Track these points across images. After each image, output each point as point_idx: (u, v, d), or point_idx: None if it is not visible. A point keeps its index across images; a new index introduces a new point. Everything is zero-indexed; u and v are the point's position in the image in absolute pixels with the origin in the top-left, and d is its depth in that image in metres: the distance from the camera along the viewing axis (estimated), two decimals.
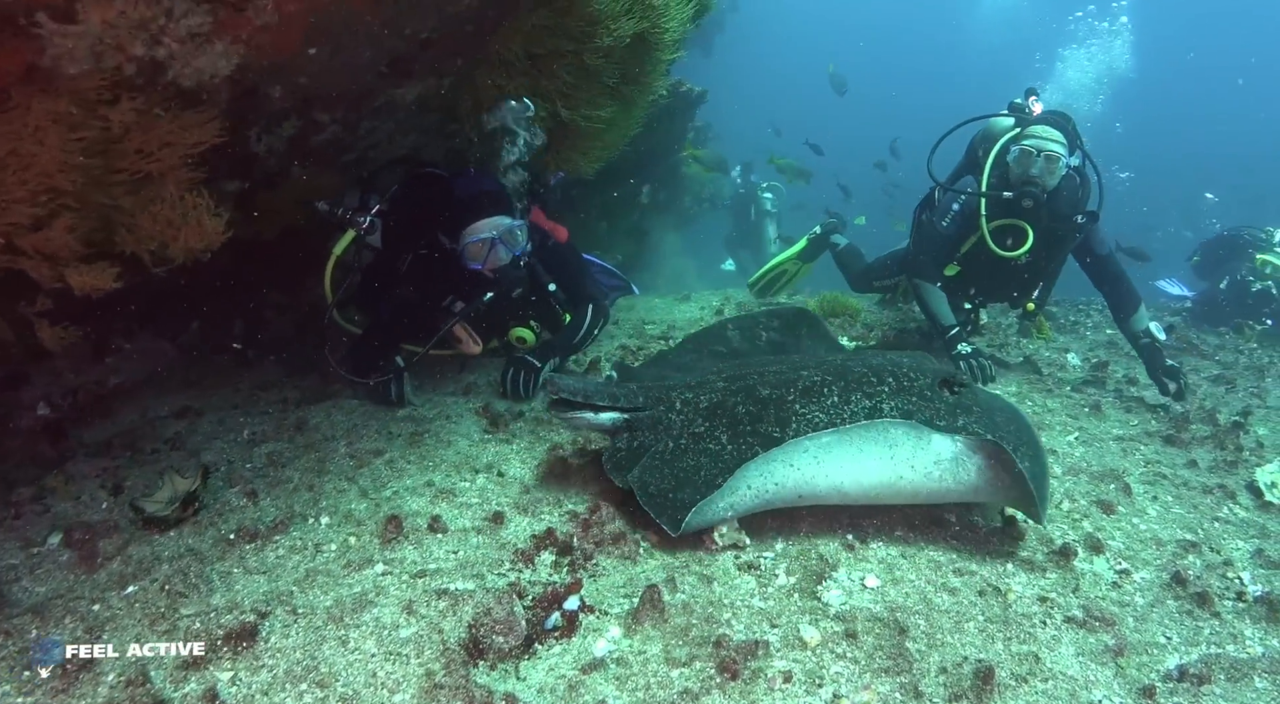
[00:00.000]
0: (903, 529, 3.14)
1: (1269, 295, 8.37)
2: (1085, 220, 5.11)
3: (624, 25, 4.73)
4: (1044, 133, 5.06)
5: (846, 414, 3.01)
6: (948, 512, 3.32)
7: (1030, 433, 3.17)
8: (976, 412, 3.11)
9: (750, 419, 3.07)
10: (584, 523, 2.93)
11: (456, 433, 4.02)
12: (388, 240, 4.65)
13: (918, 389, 3.12)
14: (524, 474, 3.53)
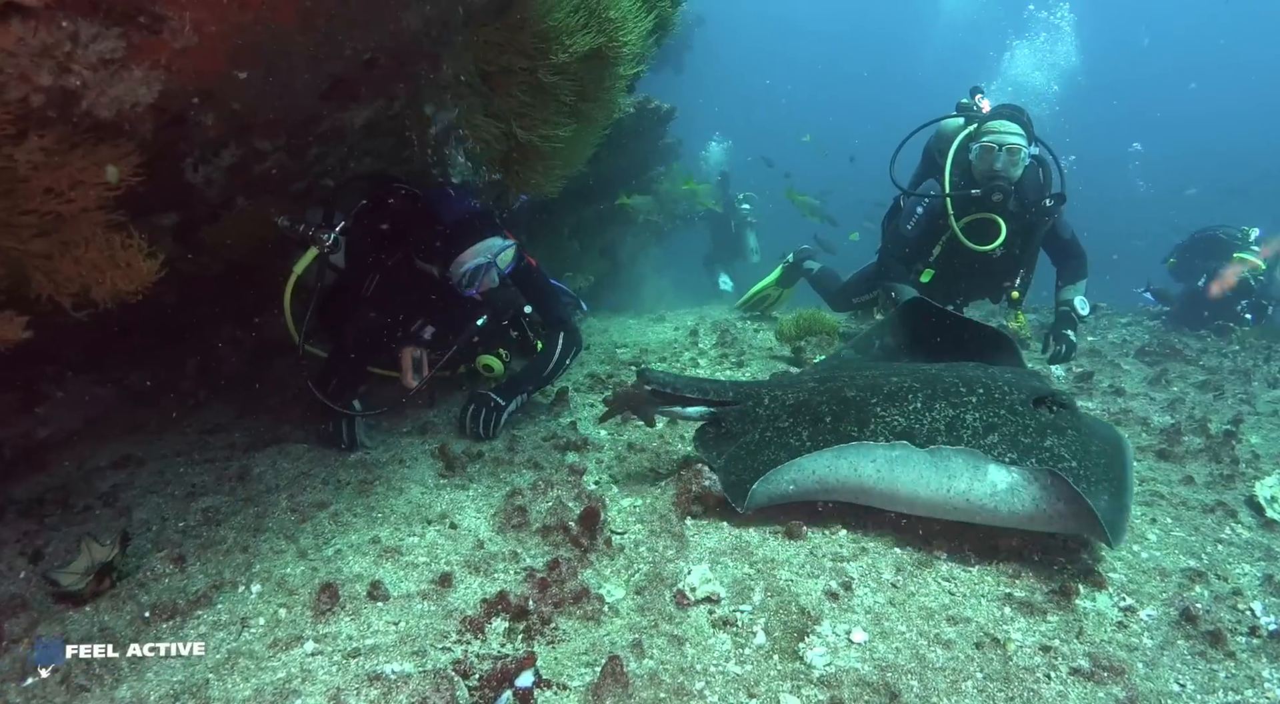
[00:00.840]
0: (890, 571, 2.90)
1: (1248, 286, 8.46)
2: (1054, 203, 5.21)
3: (580, 41, 4.50)
4: (1003, 127, 5.11)
5: (927, 421, 3.10)
6: (937, 548, 3.09)
7: (1121, 464, 3.04)
8: (1070, 436, 3.05)
9: (833, 418, 3.23)
10: (541, 582, 2.67)
11: (409, 478, 3.75)
12: (352, 260, 4.39)
13: (1008, 403, 3.12)
14: (479, 525, 3.26)
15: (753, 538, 3.14)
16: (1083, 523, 2.80)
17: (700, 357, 6.12)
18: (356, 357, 4.45)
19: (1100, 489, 2.90)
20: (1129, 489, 2.97)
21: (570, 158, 5.05)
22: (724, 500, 3.34)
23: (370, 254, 4.38)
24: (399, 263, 4.36)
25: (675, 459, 3.98)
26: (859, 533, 3.19)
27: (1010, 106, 5.30)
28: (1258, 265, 8.50)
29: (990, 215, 5.18)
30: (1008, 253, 5.34)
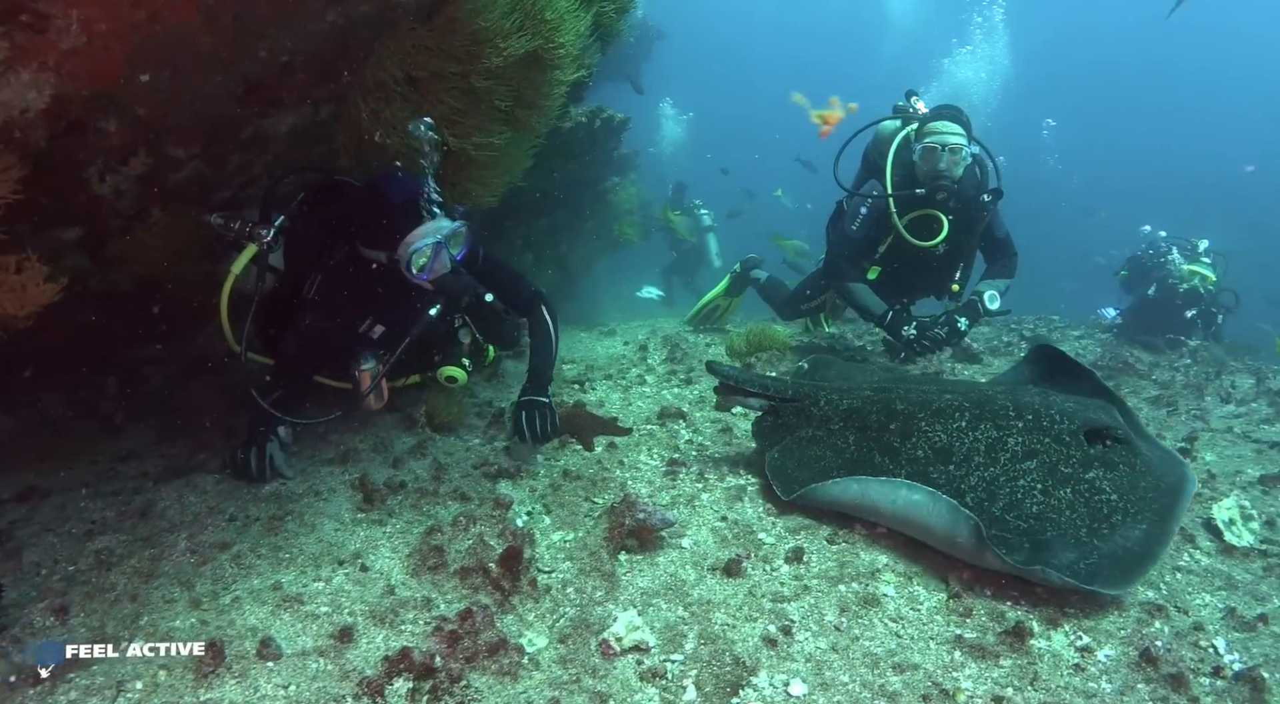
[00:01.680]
0: (834, 612, 2.71)
1: (1197, 294, 8.45)
2: (992, 199, 5.40)
3: (514, 44, 4.29)
4: (944, 128, 5.24)
5: (968, 440, 3.19)
6: (885, 583, 2.90)
7: (1169, 507, 2.99)
8: (1120, 471, 3.07)
9: (878, 428, 3.39)
10: (451, 635, 2.43)
11: (324, 513, 3.49)
12: (292, 259, 4.08)
13: (1055, 432, 3.14)
14: (392, 566, 3.01)
15: (688, 576, 2.94)
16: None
17: (648, 373, 5.92)
18: (302, 366, 4.16)
19: (1127, 529, 2.91)
20: (1164, 535, 2.89)
21: (508, 166, 4.82)
22: (659, 535, 3.15)
23: (312, 251, 4.08)
24: (343, 259, 4.06)
25: (614, 485, 3.76)
26: (802, 567, 2.99)
27: (950, 107, 5.42)
28: (1208, 276, 8.52)
29: (932, 212, 5.31)
30: (950, 249, 5.48)
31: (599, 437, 4.32)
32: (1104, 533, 2.91)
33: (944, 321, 5.50)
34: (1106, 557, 2.83)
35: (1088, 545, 2.87)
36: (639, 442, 4.31)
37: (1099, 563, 2.81)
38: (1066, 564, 2.79)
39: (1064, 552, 2.84)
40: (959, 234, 5.42)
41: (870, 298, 5.61)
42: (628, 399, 5.17)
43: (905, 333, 5.44)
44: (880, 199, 5.38)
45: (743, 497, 3.61)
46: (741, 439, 4.37)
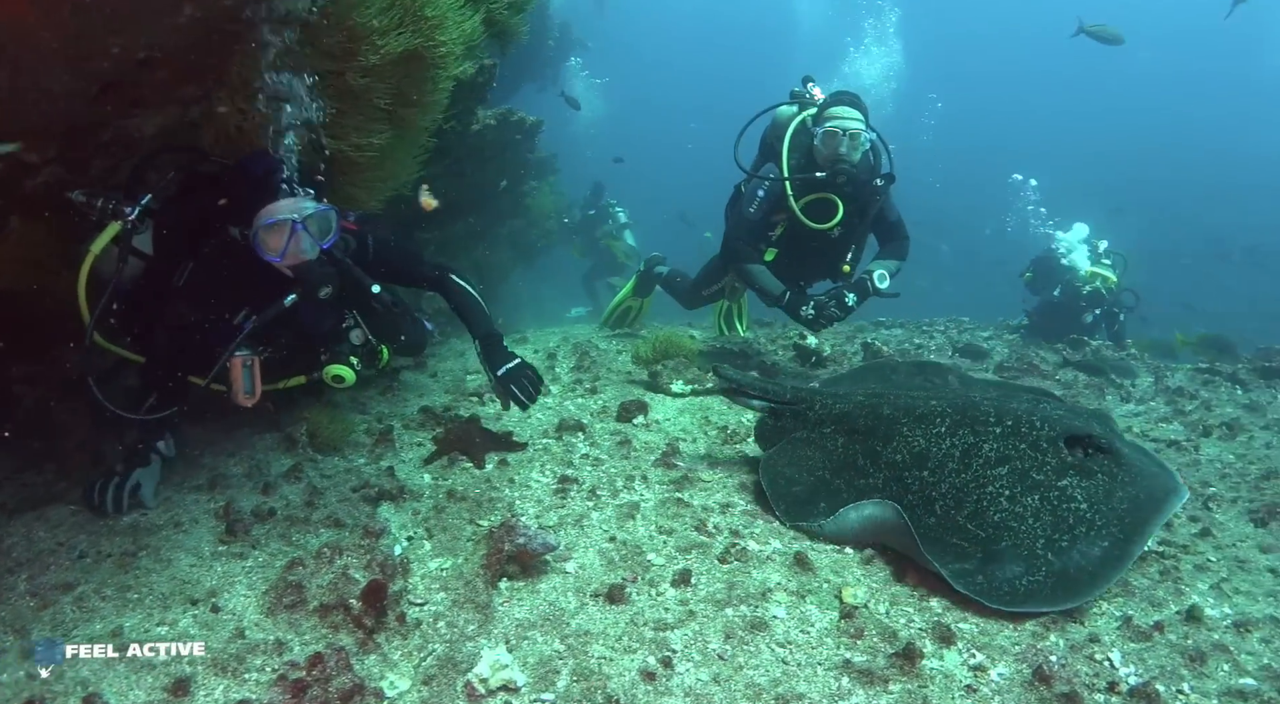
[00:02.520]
0: (719, 639, 2.56)
1: (1099, 296, 8.71)
2: (884, 183, 5.49)
3: (393, 42, 4.07)
4: (846, 113, 5.30)
5: (945, 445, 3.24)
6: (776, 604, 2.77)
7: (1141, 522, 2.92)
8: (1097, 480, 3.04)
9: (865, 432, 3.48)
10: (298, 684, 2.21)
11: (182, 547, 3.21)
12: (161, 244, 3.71)
13: (1032, 439, 3.15)
14: (247, 606, 2.76)
15: (569, 604, 2.76)
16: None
17: (553, 383, 5.72)
18: (173, 365, 3.79)
19: (1087, 545, 2.87)
20: (1123, 557, 2.83)
21: (394, 170, 4.60)
22: (541, 560, 2.98)
23: (182, 236, 3.73)
24: (217, 245, 3.72)
25: (501, 506, 3.57)
26: (689, 591, 2.84)
27: (849, 93, 5.48)
28: (1109, 277, 8.72)
29: (828, 195, 5.42)
30: (844, 232, 5.62)
31: (491, 453, 4.11)
32: (1062, 546, 2.88)
33: (833, 297, 5.54)
34: (1055, 573, 2.80)
35: (1039, 559, 2.85)
36: (532, 457, 4.12)
37: (1041, 581, 2.79)
38: (1006, 579, 2.79)
39: (1012, 564, 2.84)
40: (853, 217, 5.53)
41: (769, 279, 5.61)
42: (528, 411, 4.97)
43: (804, 312, 5.48)
44: (778, 182, 5.44)
45: (635, 514, 3.45)
46: (639, 451, 4.22)
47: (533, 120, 9.79)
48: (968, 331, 9.07)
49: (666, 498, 3.61)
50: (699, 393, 5.44)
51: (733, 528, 3.36)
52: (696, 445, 4.42)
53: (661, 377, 5.51)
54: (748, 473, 3.97)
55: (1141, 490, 3.02)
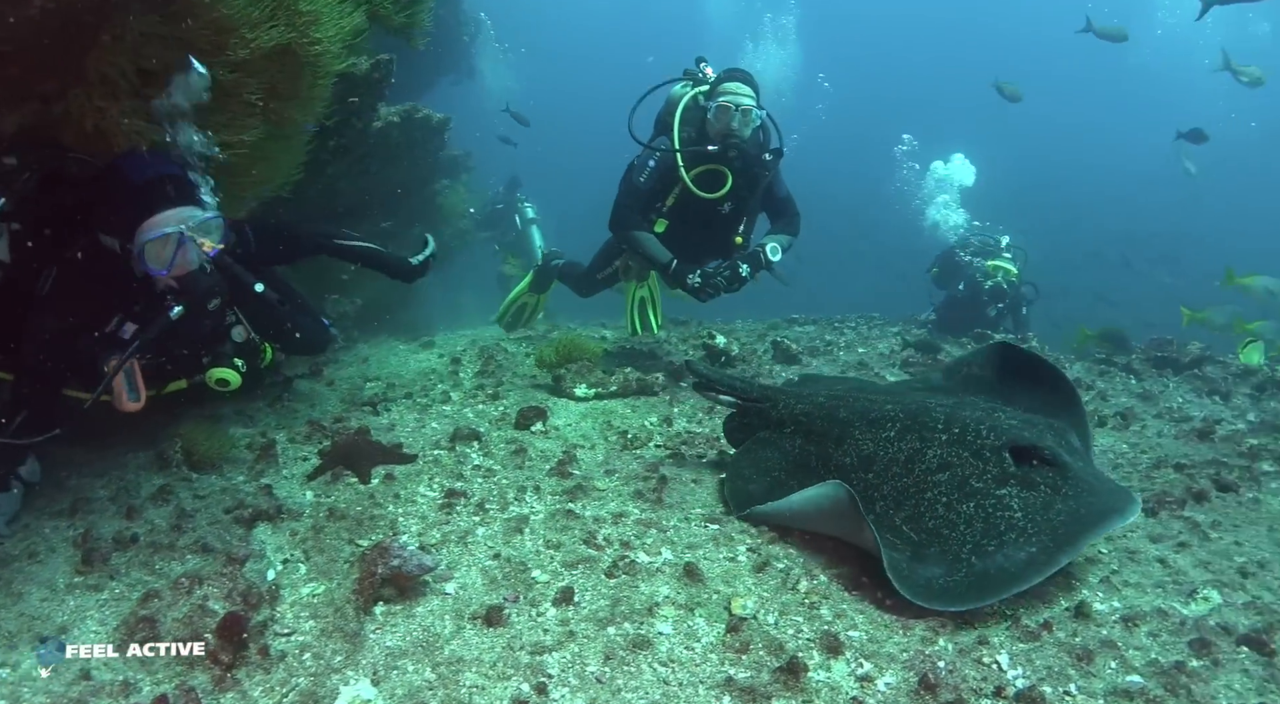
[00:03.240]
0: (598, 660, 2.45)
1: (1001, 290, 8.91)
2: (773, 158, 5.66)
3: (264, 36, 3.85)
4: (738, 89, 5.47)
5: (891, 450, 3.27)
6: (661, 620, 2.68)
7: (1073, 536, 2.85)
8: (1040, 492, 3.00)
9: (820, 434, 3.53)
10: None
11: (35, 579, 2.97)
12: (21, 251, 3.48)
13: (976, 447, 3.14)
14: (97, 640, 2.55)
15: (445, 629, 2.62)
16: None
17: (454, 390, 5.55)
18: (44, 378, 3.54)
19: (1013, 550, 2.83)
20: (1048, 563, 2.77)
21: (267, 169, 4.36)
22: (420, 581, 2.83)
23: (44, 241, 3.50)
24: (83, 249, 3.52)
25: (384, 524, 3.40)
26: (571, 610, 2.73)
27: (742, 70, 5.63)
28: (1010, 270, 8.91)
29: (718, 167, 5.55)
30: (734, 207, 5.76)
31: (379, 466, 3.94)
32: (988, 550, 2.85)
33: (727, 268, 5.60)
34: (975, 573, 2.79)
35: (962, 562, 2.83)
36: (421, 470, 3.95)
37: (959, 581, 2.77)
38: (926, 577, 2.79)
39: (935, 567, 2.84)
40: (742, 190, 5.69)
41: (655, 246, 5.69)
42: (423, 420, 4.80)
43: (690, 281, 5.51)
44: (669, 153, 5.56)
45: (523, 528, 3.32)
46: (535, 460, 4.10)
47: (440, 117, 9.55)
48: (878, 327, 9.17)
49: (557, 510, 3.49)
50: (603, 396, 5.34)
51: (624, 539, 3.25)
52: (595, 452, 4.31)
53: (565, 380, 5.39)
54: (643, 480, 3.88)
55: (1084, 505, 2.98)
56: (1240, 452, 5.07)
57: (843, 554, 3.20)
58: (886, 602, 2.88)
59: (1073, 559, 2.83)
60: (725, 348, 6.60)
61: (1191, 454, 4.98)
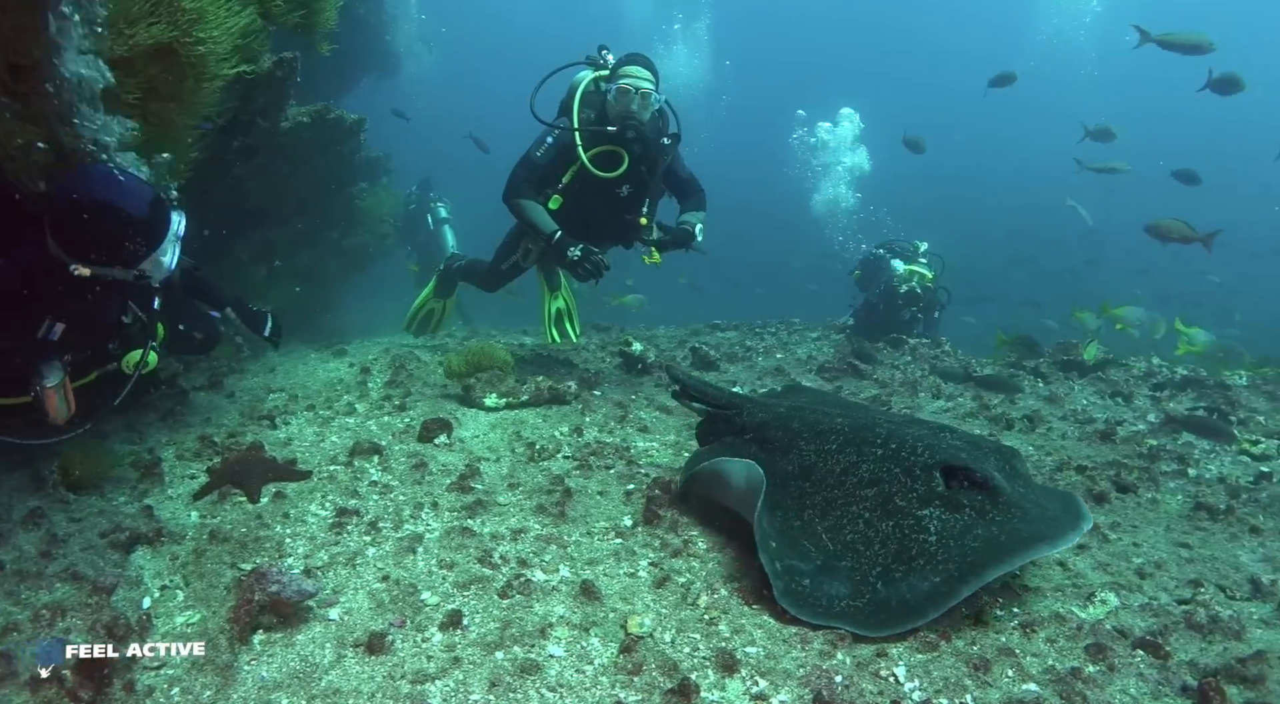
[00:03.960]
0: (483, 688, 2.35)
1: (915, 294, 9.08)
2: (671, 142, 5.85)
3: (143, 33, 3.67)
4: (638, 73, 5.59)
5: (830, 462, 3.28)
6: (554, 642, 2.60)
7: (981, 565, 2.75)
8: (963, 515, 2.94)
9: (772, 442, 3.56)
10: None
11: None
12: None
13: (906, 465, 3.12)
14: None
15: (324, 658, 2.50)
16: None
17: (360, 400, 5.38)
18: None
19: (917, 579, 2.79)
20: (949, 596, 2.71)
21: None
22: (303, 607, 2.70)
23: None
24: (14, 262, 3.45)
25: (270, 546, 3.24)
26: (458, 634, 2.63)
27: (642, 56, 5.76)
28: (925, 275, 9.08)
29: (615, 148, 5.68)
30: (633, 190, 5.89)
31: (270, 484, 3.77)
32: (895, 576, 2.82)
33: (664, 232, 5.80)
34: (877, 601, 2.76)
35: (868, 586, 2.81)
36: (314, 487, 3.80)
37: (860, 606, 2.76)
38: (827, 594, 2.80)
39: (841, 585, 2.83)
40: (640, 172, 5.84)
41: (542, 216, 5.73)
42: (323, 434, 4.63)
43: (570, 254, 5.52)
44: (567, 131, 5.68)
45: (417, 547, 3.21)
46: (435, 475, 3.98)
47: (354, 118, 9.33)
48: (797, 332, 9.24)
49: (454, 527, 3.39)
50: (514, 406, 5.24)
51: (521, 557, 3.17)
52: (500, 465, 4.21)
53: (475, 390, 5.27)
54: (547, 494, 3.80)
55: (1008, 532, 2.89)
56: (1140, 453, 5.22)
57: (747, 565, 3.17)
58: (786, 615, 2.84)
59: (976, 590, 2.73)
60: (641, 355, 6.55)
61: (1094, 455, 5.10)
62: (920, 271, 9.08)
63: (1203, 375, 7.33)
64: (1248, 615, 3.09)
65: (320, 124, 8.70)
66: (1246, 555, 3.73)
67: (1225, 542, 3.88)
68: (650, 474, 4.13)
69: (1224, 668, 2.62)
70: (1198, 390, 6.94)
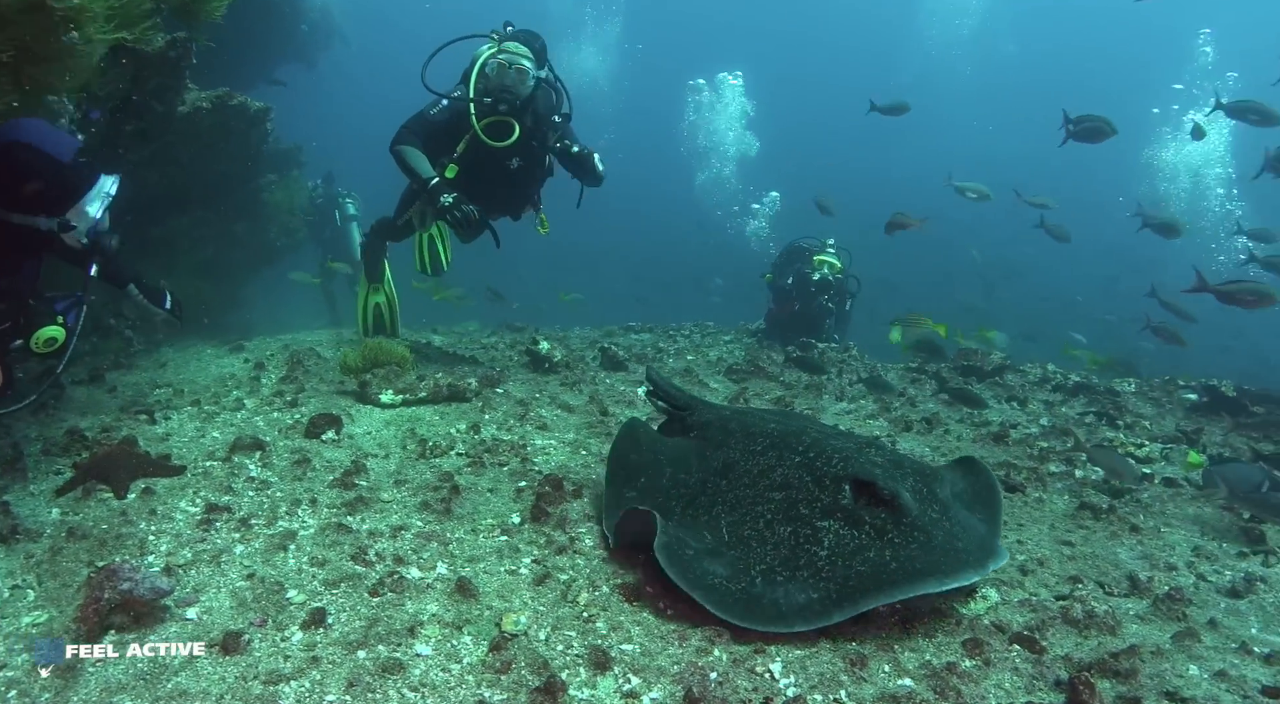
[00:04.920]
0: (340, 686, 2.27)
1: (827, 282, 9.24)
2: (561, 120, 6.11)
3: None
4: (515, 49, 5.84)
5: (750, 463, 3.30)
6: (423, 641, 2.52)
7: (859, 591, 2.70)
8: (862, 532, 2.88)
9: (709, 439, 3.63)
10: None
11: None
12: None
13: (817, 475, 3.09)
14: None
15: (175, 659, 2.37)
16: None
17: (250, 397, 5.19)
18: None
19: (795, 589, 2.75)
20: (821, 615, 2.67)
21: None
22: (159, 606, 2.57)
23: None
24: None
25: (131, 543, 3.08)
26: (320, 632, 2.53)
27: (527, 32, 6.01)
28: (835, 264, 9.20)
29: (506, 119, 5.87)
30: (522, 163, 6.12)
31: (140, 479, 3.59)
32: (776, 579, 2.79)
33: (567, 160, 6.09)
34: (751, 595, 2.74)
35: (747, 579, 2.80)
36: (187, 483, 3.64)
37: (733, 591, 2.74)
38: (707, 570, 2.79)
39: (721, 568, 2.83)
40: (531, 146, 6.07)
41: (422, 162, 5.82)
42: (205, 429, 4.44)
43: (443, 200, 5.57)
44: (462, 100, 5.88)
45: (289, 544, 3.09)
46: (318, 471, 3.85)
47: (259, 106, 9.03)
48: (711, 335, 9.28)
49: (330, 524, 3.27)
50: (411, 403, 5.11)
51: (398, 554, 3.07)
52: (388, 462, 4.10)
53: (371, 386, 5.13)
54: (434, 490, 3.70)
55: (900, 559, 2.79)
56: (1031, 454, 5.37)
57: (631, 562, 3.14)
58: (668, 611, 2.82)
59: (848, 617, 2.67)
60: (548, 354, 6.48)
61: (986, 457, 5.22)
62: (830, 261, 9.20)
63: (1094, 382, 7.61)
64: (1124, 611, 3.18)
65: (222, 110, 8.40)
66: (1126, 553, 3.86)
67: (1106, 540, 4.01)
68: (544, 471, 4.06)
69: (1097, 662, 2.68)
70: (1089, 396, 7.20)
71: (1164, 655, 2.80)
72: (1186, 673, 2.72)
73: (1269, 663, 2.85)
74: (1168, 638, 2.97)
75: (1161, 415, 6.85)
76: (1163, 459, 5.63)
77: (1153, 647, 2.85)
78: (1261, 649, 2.93)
